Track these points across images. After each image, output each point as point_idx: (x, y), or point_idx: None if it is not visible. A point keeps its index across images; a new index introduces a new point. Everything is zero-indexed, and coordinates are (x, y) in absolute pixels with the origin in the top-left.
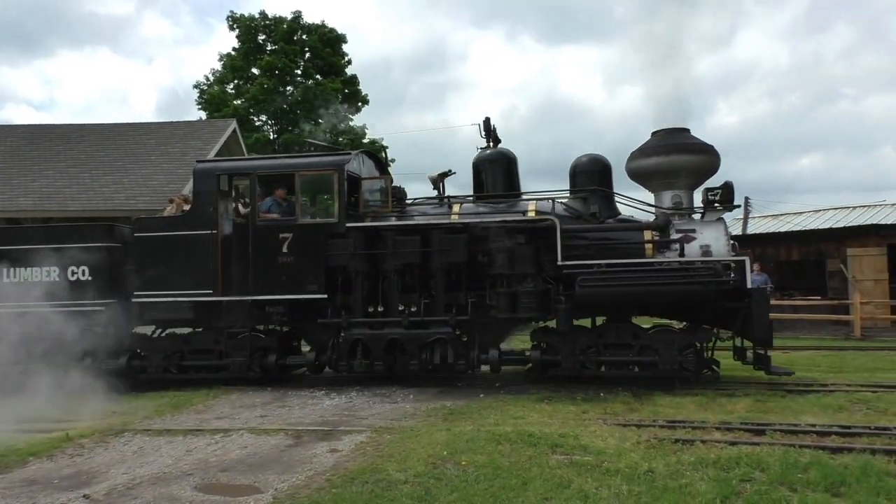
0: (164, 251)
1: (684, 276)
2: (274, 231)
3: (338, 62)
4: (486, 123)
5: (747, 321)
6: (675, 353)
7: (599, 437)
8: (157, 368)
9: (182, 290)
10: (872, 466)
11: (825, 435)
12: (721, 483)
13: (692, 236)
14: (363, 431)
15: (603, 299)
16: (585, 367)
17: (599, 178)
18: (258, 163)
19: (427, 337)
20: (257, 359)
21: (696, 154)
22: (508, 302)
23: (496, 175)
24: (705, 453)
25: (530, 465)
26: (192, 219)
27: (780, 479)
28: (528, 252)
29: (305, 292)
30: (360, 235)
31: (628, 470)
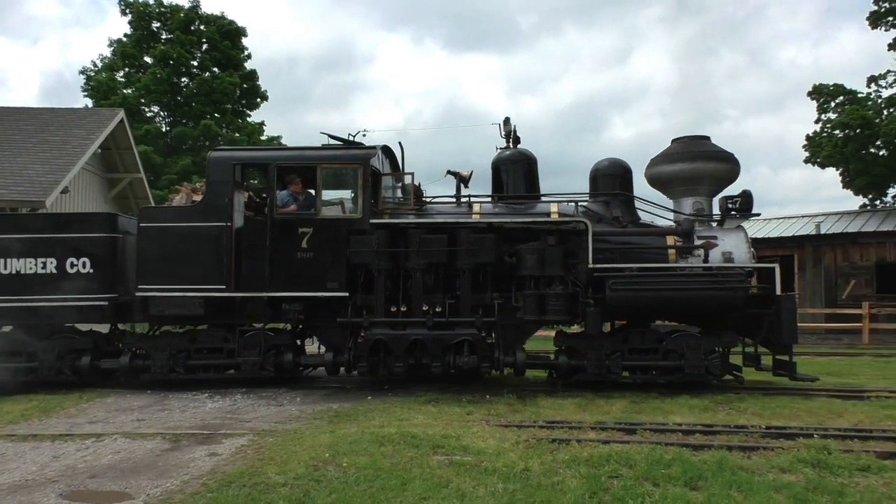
0: (173, 243)
1: (715, 282)
2: (293, 225)
3: (237, 56)
4: (505, 123)
5: (774, 326)
6: (701, 357)
7: (481, 437)
8: (162, 368)
9: (192, 284)
10: (728, 462)
11: (690, 433)
12: (591, 480)
13: (714, 243)
14: (245, 434)
15: (634, 303)
16: (611, 372)
17: (621, 182)
18: (278, 153)
19: (452, 338)
20: (271, 357)
21: (720, 162)
22: (536, 304)
23: (517, 176)
24: (579, 452)
25: (411, 465)
26: (205, 209)
27: (645, 475)
28: (558, 254)
29: (326, 290)
30: (383, 232)
31: (505, 469)
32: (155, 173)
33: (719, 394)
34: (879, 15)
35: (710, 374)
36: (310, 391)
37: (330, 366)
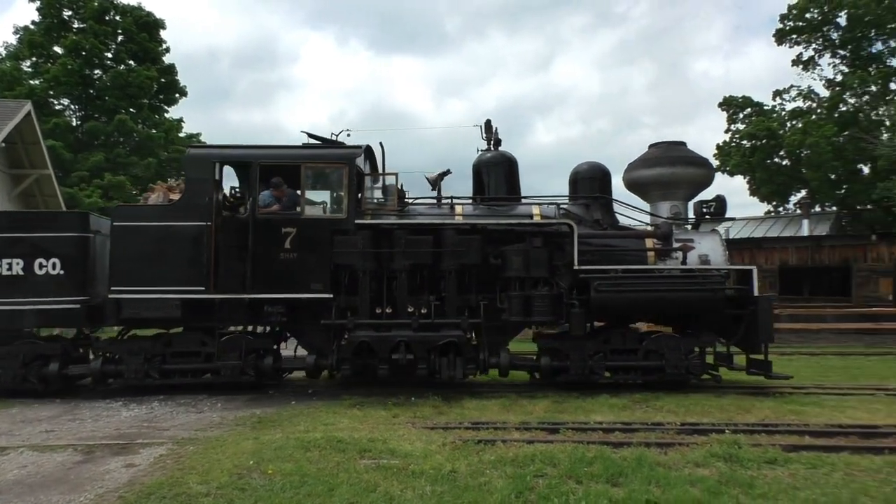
0: (149, 243)
1: (696, 284)
2: (276, 225)
3: (154, 49)
4: (487, 125)
5: (751, 326)
6: (681, 357)
7: (407, 440)
8: (136, 373)
9: (169, 285)
10: (646, 458)
11: (610, 431)
12: (517, 479)
13: (691, 245)
14: (164, 443)
15: (618, 304)
16: (594, 372)
17: (600, 185)
18: (261, 151)
19: (437, 339)
20: (251, 361)
21: (698, 167)
22: (522, 305)
23: (498, 177)
24: (505, 452)
25: (338, 470)
26: (183, 208)
27: (568, 473)
28: (544, 256)
29: (310, 291)
30: (368, 233)
31: (433, 471)
32: (64, 170)
33: (637, 393)
34: (784, 32)
35: (689, 373)
36: (232, 397)
37: (312, 369)
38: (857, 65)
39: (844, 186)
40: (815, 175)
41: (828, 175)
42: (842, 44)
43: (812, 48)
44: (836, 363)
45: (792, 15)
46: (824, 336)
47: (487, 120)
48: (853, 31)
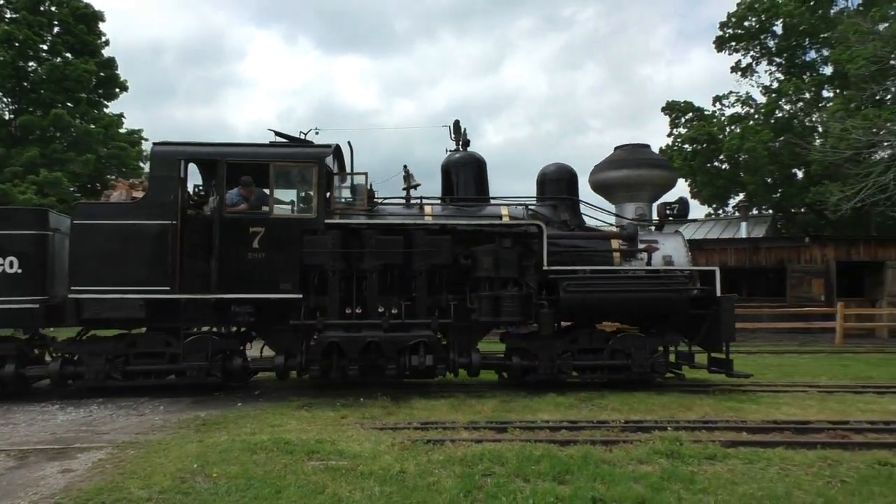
0: (112, 241)
1: (662, 285)
2: (244, 225)
3: (93, 41)
4: (455, 126)
5: (714, 325)
6: (647, 356)
7: (356, 441)
8: (98, 375)
9: (132, 285)
10: (592, 455)
11: (556, 430)
12: (465, 479)
13: (655, 247)
14: (103, 448)
15: (586, 304)
16: (562, 371)
17: (567, 187)
18: (228, 149)
19: (408, 340)
20: (218, 362)
21: (663, 169)
22: (491, 306)
23: (467, 178)
24: (453, 452)
25: (285, 472)
26: (148, 207)
27: (516, 472)
28: (513, 256)
29: (278, 291)
30: (338, 233)
31: (381, 472)
32: None
33: (583, 391)
34: (724, 40)
35: (654, 372)
36: (175, 399)
37: (281, 370)
38: (792, 72)
39: (780, 190)
40: (752, 179)
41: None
42: (778, 52)
43: (750, 56)
44: (771, 361)
45: (731, 23)
46: (761, 335)
47: (456, 121)
48: (788, 40)
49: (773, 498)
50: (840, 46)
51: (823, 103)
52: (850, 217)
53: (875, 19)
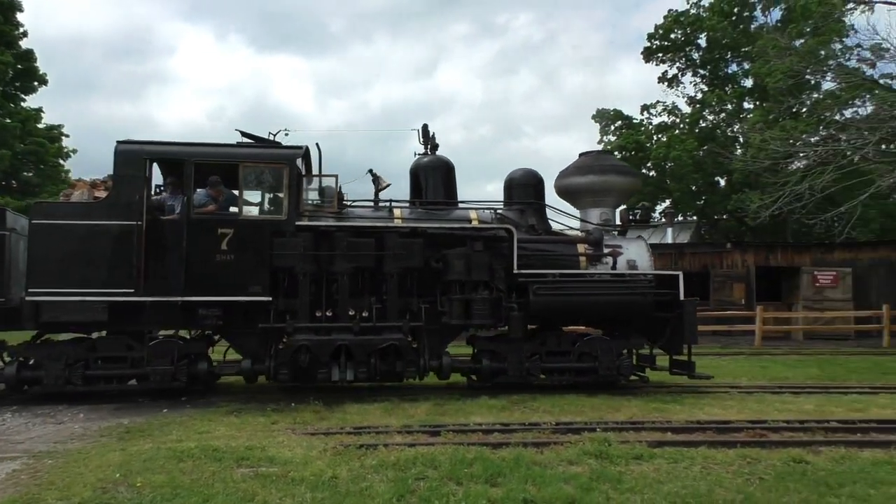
0: (73, 242)
1: (628, 288)
2: (212, 226)
3: (9, 32)
4: (424, 130)
5: (677, 328)
6: (613, 358)
7: (287, 447)
8: (57, 380)
9: (94, 287)
10: (524, 457)
11: (489, 432)
12: (398, 483)
13: (619, 251)
14: (18, 458)
15: (555, 307)
16: (531, 374)
17: (535, 191)
18: (196, 149)
19: (379, 343)
20: (183, 367)
21: (627, 176)
22: (462, 309)
23: (436, 182)
24: (386, 456)
25: (213, 480)
26: (111, 207)
27: (449, 475)
28: (484, 260)
29: (247, 294)
30: (308, 235)
31: (313, 478)
32: None
33: (515, 394)
34: (651, 51)
35: (620, 374)
36: (95, 406)
37: (248, 374)
38: (716, 84)
39: (704, 197)
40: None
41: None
42: (702, 64)
43: (676, 67)
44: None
45: (658, 35)
46: None
47: (424, 125)
48: (712, 53)
49: (696, 496)
50: (759, 61)
51: (744, 114)
52: (768, 224)
53: (792, 35)
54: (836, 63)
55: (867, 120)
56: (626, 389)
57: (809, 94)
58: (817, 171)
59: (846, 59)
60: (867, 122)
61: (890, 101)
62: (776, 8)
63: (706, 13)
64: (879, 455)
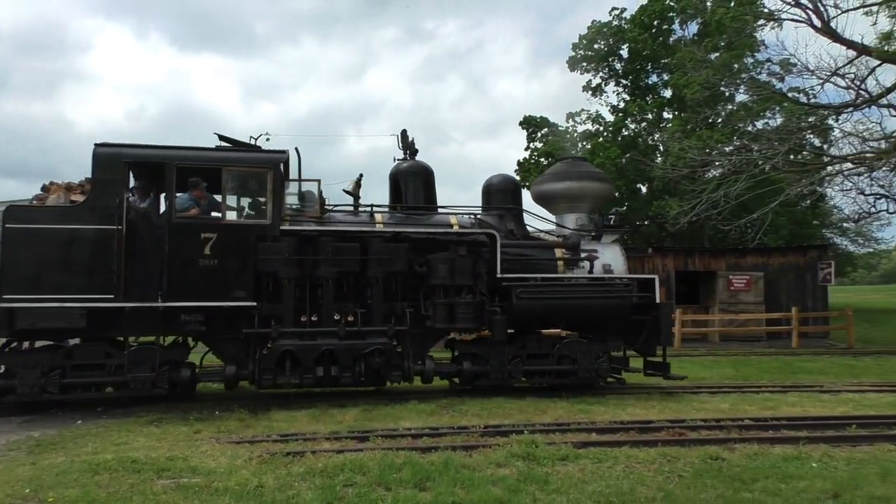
0: (49, 247)
1: (607, 292)
2: (195, 230)
3: None
4: (403, 135)
5: (653, 330)
6: (592, 361)
7: (211, 456)
8: (32, 388)
9: (72, 293)
10: (453, 461)
11: (418, 437)
12: (326, 490)
13: (595, 255)
14: None
15: (537, 311)
16: (512, 376)
17: (513, 197)
18: (177, 152)
19: (364, 347)
20: (165, 373)
21: (602, 182)
22: (446, 313)
23: (416, 187)
24: (314, 463)
25: (132, 493)
26: (90, 211)
27: (378, 481)
28: (468, 264)
29: (231, 299)
30: (293, 240)
31: (238, 487)
32: None
33: (444, 398)
34: (576, 60)
35: (598, 376)
36: (6, 419)
37: (232, 380)
38: (637, 94)
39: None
40: None
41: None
42: (624, 74)
43: (599, 76)
44: None
45: (582, 45)
46: None
47: (403, 130)
48: (633, 64)
49: (620, 494)
50: (678, 72)
51: (664, 124)
52: (687, 230)
53: (708, 49)
54: (749, 76)
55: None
56: (552, 392)
57: (724, 105)
58: (731, 180)
59: (758, 73)
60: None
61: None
62: (693, 22)
63: (628, 25)
64: (789, 451)
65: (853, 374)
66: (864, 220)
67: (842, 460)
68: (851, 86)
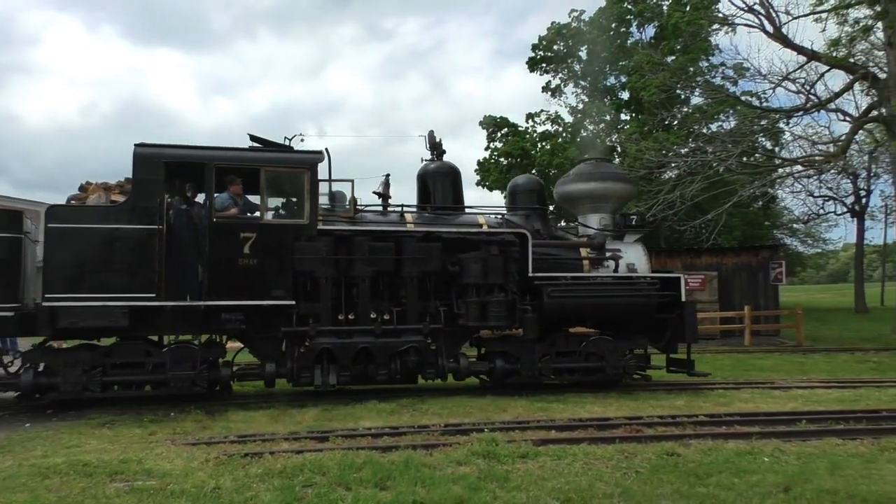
0: (91, 247)
1: (634, 290)
2: (235, 230)
3: None
4: (430, 136)
5: (677, 328)
6: (619, 358)
7: (166, 458)
8: (74, 386)
9: (114, 292)
10: (413, 460)
11: (378, 436)
12: (285, 491)
13: (619, 255)
14: None
15: (568, 309)
16: (542, 374)
17: (538, 197)
18: (217, 152)
19: (399, 345)
20: (204, 372)
21: (626, 183)
22: (479, 311)
23: (444, 187)
24: (272, 464)
25: (83, 497)
26: (131, 210)
27: (338, 481)
28: (500, 263)
29: (270, 298)
30: (329, 239)
31: (194, 490)
32: None
33: (404, 397)
34: (535, 61)
35: (625, 373)
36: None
37: (270, 378)
38: (595, 95)
39: None
40: None
41: None
42: (582, 76)
43: (558, 77)
44: None
45: (542, 46)
46: None
47: (430, 131)
48: (592, 65)
49: (578, 491)
50: (635, 75)
51: (622, 125)
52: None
53: (664, 52)
54: (704, 80)
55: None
56: (513, 391)
57: (680, 108)
58: (687, 181)
59: (712, 77)
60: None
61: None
62: (650, 25)
63: (586, 27)
64: (742, 446)
65: (803, 371)
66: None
67: (792, 454)
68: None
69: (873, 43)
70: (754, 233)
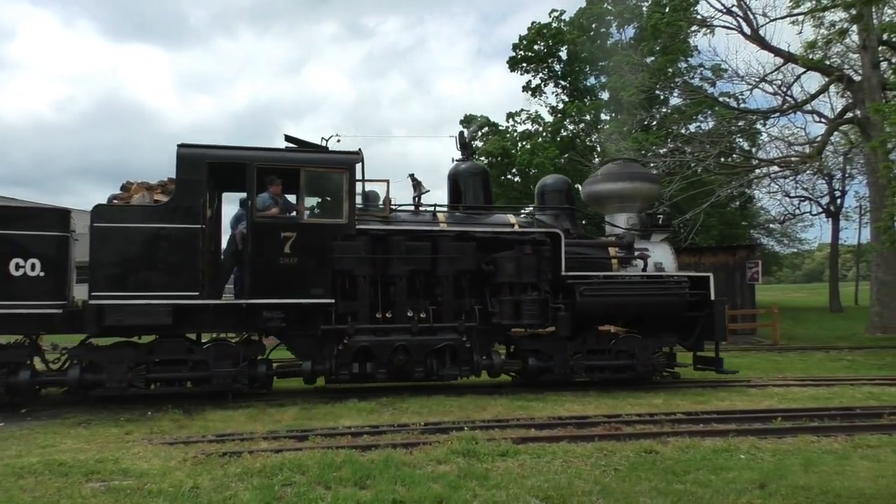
0: (136, 245)
1: (665, 289)
2: (275, 229)
3: None
4: (460, 136)
5: (707, 327)
6: (649, 356)
7: (143, 458)
8: (119, 382)
9: (158, 290)
10: (393, 459)
11: (358, 435)
12: (264, 490)
13: (647, 254)
14: None
15: (600, 308)
16: (574, 372)
17: (566, 196)
18: (258, 153)
19: (435, 343)
20: (245, 369)
21: (654, 183)
22: (512, 309)
23: (476, 187)
24: (251, 463)
25: (59, 497)
26: (175, 210)
27: (317, 480)
28: (533, 262)
29: (310, 296)
30: (367, 239)
31: (172, 489)
32: None
33: (384, 396)
34: (516, 61)
35: (655, 371)
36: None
37: (308, 375)
38: (576, 95)
39: None
40: None
41: None
42: (563, 76)
43: (539, 77)
44: None
45: (522, 46)
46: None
47: (461, 132)
48: (572, 66)
49: (558, 489)
50: (615, 75)
51: (601, 125)
52: None
53: (644, 53)
54: (682, 81)
55: (708, 134)
56: (493, 389)
57: (659, 108)
58: (666, 181)
59: (691, 78)
60: (708, 136)
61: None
62: (630, 26)
63: (567, 27)
64: (719, 443)
65: (778, 369)
66: (789, 221)
67: (768, 452)
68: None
69: (849, 46)
70: (731, 232)
